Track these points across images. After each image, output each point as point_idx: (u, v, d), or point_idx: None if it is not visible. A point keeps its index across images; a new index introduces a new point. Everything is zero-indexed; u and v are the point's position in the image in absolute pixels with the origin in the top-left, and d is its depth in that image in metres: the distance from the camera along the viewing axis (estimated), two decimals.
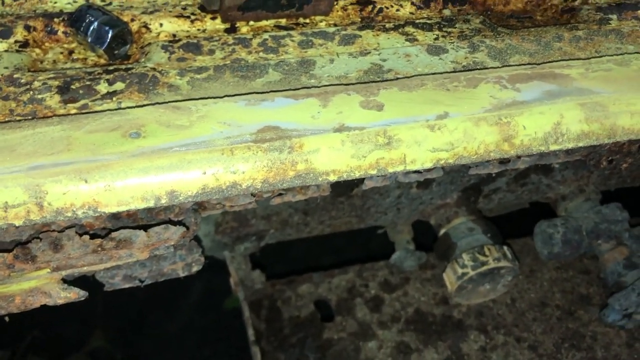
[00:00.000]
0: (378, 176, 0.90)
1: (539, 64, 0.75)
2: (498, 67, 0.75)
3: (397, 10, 0.94)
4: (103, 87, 0.71)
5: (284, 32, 0.86)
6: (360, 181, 0.95)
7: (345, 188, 1.14)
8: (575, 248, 1.28)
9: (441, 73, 0.73)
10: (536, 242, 1.31)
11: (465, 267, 1.18)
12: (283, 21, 0.89)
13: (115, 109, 0.64)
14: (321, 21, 0.90)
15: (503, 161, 0.94)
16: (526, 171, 1.30)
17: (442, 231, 1.29)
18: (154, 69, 0.75)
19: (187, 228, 0.69)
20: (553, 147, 0.67)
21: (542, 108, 0.67)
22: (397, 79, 0.72)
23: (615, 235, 1.29)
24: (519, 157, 0.88)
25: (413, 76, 0.72)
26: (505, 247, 1.22)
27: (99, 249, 0.63)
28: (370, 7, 0.93)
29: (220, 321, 1.93)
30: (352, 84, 0.71)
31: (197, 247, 0.79)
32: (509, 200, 1.38)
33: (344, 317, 1.42)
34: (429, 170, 0.86)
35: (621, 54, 0.80)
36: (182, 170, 0.57)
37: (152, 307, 1.96)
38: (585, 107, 0.68)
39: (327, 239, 1.54)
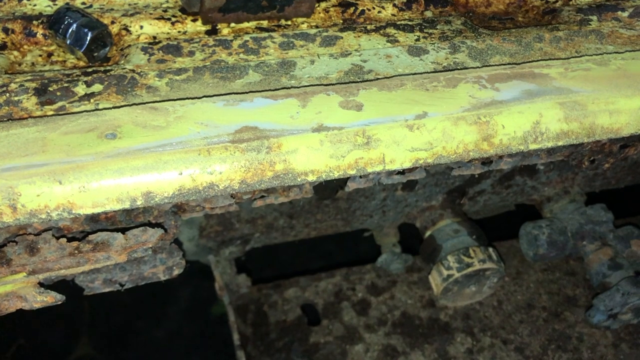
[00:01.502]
0: (361, 177, 0.90)
1: (518, 64, 0.75)
2: (478, 68, 0.76)
3: (379, 12, 0.94)
4: (81, 89, 0.70)
5: (265, 34, 0.86)
6: (345, 183, 0.95)
7: (330, 191, 1.14)
8: (561, 249, 1.28)
9: (421, 73, 0.73)
10: (522, 244, 1.32)
11: (451, 269, 1.18)
12: (264, 23, 0.89)
13: (92, 110, 0.63)
14: (303, 23, 0.90)
15: (485, 162, 0.94)
16: (511, 173, 1.30)
17: (428, 233, 1.29)
18: (133, 70, 0.75)
19: (166, 230, 0.68)
20: (533, 147, 0.67)
21: (521, 107, 0.67)
22: (377, 79, 0.72)
23: (600, 236, 1.29)
24: (500, 157, 0.88)
25: (393, 76, 0.72)
26: (490, 249, 1.22)
27: (76, 251, 0.63)
28: (352, 9, 0.93)
29: (208, 328, 1.92)
30: (332, 84, 0.71)
31: (177, 251, 0.78)
32: (494, 202, 1.39)
33: (331, 320, 1.41)
34: (410, 170, 0.86)
35: (600, 54, 0.81)
36: (157, 171, 0.56)
37: (138, 314, 1.95)
38: (565, 106, 0.68)
39: (314, 243, 1.54)
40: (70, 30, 0.79)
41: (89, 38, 0.78)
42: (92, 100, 0.68)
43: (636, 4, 0.97)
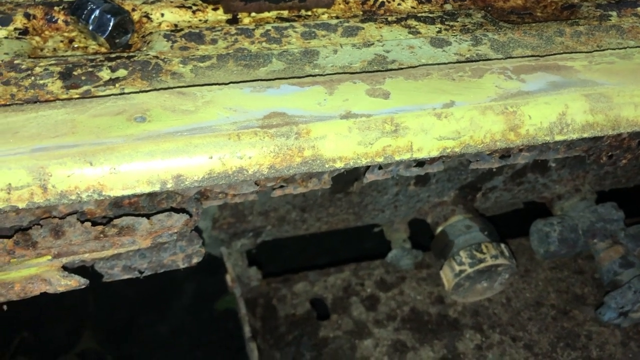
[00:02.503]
0: (380, 169, 0.90)
1: (542, 57, 0.75)
2: (502, 59, 0.75)
3: (399, 4, 0.94)
4: (105, 74, 0.70)
5: (287, 24, 0.85)
6: (359, 175, 0.95)
7: (343, 184, 1.14)
8: (572, 247, 1.28)
9: (446, 63, 0.73)
10: (532, 241, 1.32)
11: (463, 264, 1.18)
12: (285, 13, 0.89)
13: (120, 94, 0.63)
14: (323, 13, 0.90)
15: (504, 156, 0.94)
16: (523, 170, 1.30)
17: (439, 229, 1.29)
18: (156, 57, 0.75)
19: (190, 216, 0.68)
20: (558, 138, 0.67)
21: (547, 98, 0.67)
22: (403, 68, 0.72)
23: (611, 234, 1.30)
24: (520, 150, 0.88)
25: (418, 66, 0.72)
26: (502, 245, 1.22)
27: (101, 235, 0.62)
28: (372, 1, 0.93)
29: (212, 323, 1.92)
30: (358, 72, 0.71)
31: (197, 239, 0.78)
32: (505, 199, 1.39)
33: (340, 315, 1.41)
34: (430, 162, 0.86)
35: (623, 48, 0.81)
36: (188, 154, 0.56)
37: (143, 308, 1.95)
38: (590, 98, 0.68)
39: (324, 238, 1.53)
40: (93, 16, 0.79)
41: (111, 24, 0.78)
42: (117, 85, 0.68)
43: None
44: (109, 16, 0.78)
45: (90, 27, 0.79)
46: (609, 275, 1.25)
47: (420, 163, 0.92)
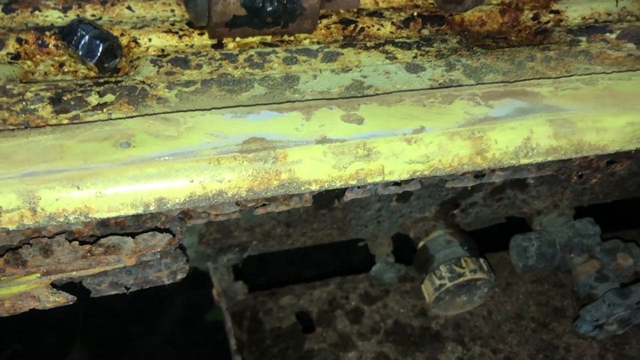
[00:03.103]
0: (359, 188, 0.93)
1: (511, 82, 0.79)
2: (472, 85, 0.79)
3: (378, 29, 0.98)
4: (94, 99, 0.73)
5: (270, 49, 0.89)
6: (342, 193, 0.98)
7: (327, 200, 1.17)
8: (549, 261, 1.32)
9: (418, 90, 0.77)
10: (512, 256, 1.35)
11: (443, 278, 1.22)
12: (268, 38, 0.93)
13: (106, 120, 0.67)
14: (305, 39, 0.94)
15: (478, 175, 0.98)
16: (502, 187, 1.34)
17: (421, 244, 1.33)
18: (143, 82, 0.78)
19: (174, 235, 0.71)
20: (524, 161, 0.71)
21: (513, 124, 0.71)
22: (377, 94, 0.76)
23: (587, 249, 1.33)
24: (493, 171, 0.92)
25: (392, 92, 0.76)
26: (481, 260, 1.26)
27: (88, 254, 0.66)
28: (352, 26, 0.97)
29: (202, 334, 1.94)
30: (334, 98, 0.75)
31: (181, 256, 0.81)
32: (485, 214, 1.42)
33: (325, 328, 1.44)
34: (406, 182, 0.90)
35: (589, 74, 0.85)
36: (170, 178, 0.60)
37: (133, 320, 1.97)
38: (554, 123, 0.72)
39: (309, 252, 1.56)
40: (82, 42, 0.82)
41: (100, 50, 0.81)
42: (105, 110, 0.71)
43: (623, 27, 1.02)
44: (98, 42, 0.82)
45: (80, 53, 0.82)
46: (585, 289, 1.29)
47: (398, 182, 0.95)
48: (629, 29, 1.00)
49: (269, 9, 0.86)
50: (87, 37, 0.82)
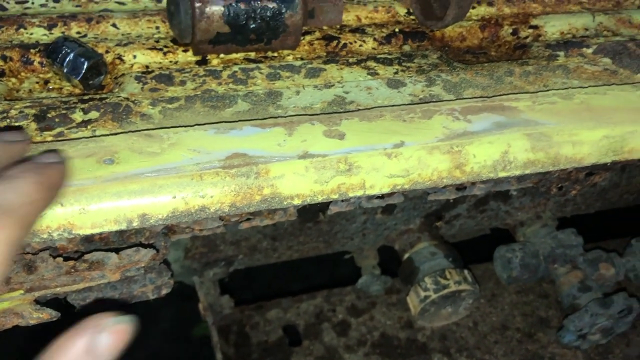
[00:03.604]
0: (342, 201, 0.95)
1: (489, 97, 0.81)
2: (452, 100, 0.81)
3: (361, 45, 0.99)
4: (78, 116, 0.74)
5: (253, 65, 0.90)
6: (326, 206, 0.99)
7: (312, 214, 1.18)
8: (533, 272, 1.34)
9: (399, 105, 0.78)
10: (496, 267, 1.37)
11: (428, 290, 1.23)
12: (252, 54, 0.94)
13: (90, 137, 0.67)
14: (288, 55, 0.95)
15: (459, 188, 0.99)
16: (485, 198, 1.36)
17: (406, 256, 1.34)
18: (127, 98, 0.79)
19: (157, 251, 0.72)
20: (502, 174, 0.73)
21: (490, 138, 0.72)
22: (358, 110, 0.77)
23: (570, 260, 1.35)
24: (474, 184, 0.93)
25: (373, 108, 0.77)
26: (465, 271, 1.27)
27: (72, 270, 0.66)
28: (335, 43, 0.99)
29: (189, 349, 1.94)
30: (317, 114, 0.76)
31: (166, 271, 0.81)
32: (469, 226, 1.44)
33: (312, 341, 1.44)
34: (389, 195, 0.91)
35: (566, 88, 0.87)
36: (153, 194, 0.60)
37: None
38: (531, 137, 0.74)
39: (296, 266, 1.57)
40: (67, 59, 0.83)
41: (85, 67, 0.82)
42: (89, 127, 0.72)
43: (600, 42, 1.04)
44: (82, 59, 0.83)
45: (65, 70, 0.83)
46: (568, 299, 1.31)
47: (380, 195, 0.97)
48: (605, 44, 1.02)
49: (252, 26, 0.87)
50: (72, 55, 0.83)
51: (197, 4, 0.83)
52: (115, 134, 0.68)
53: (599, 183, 1.37)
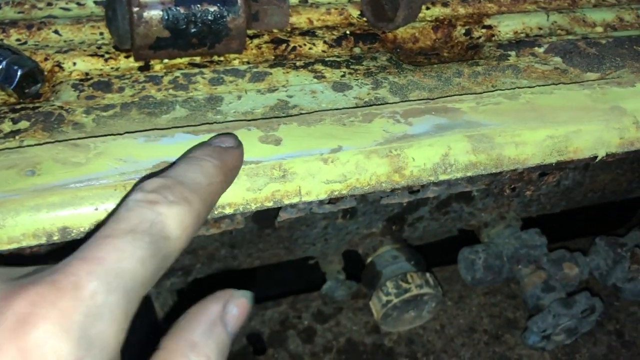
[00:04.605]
0: (292, 207, 0.93)
1: (433, 99, 0.80)
2: (395, 103, 0.80)
3: (310, 48, 0.98)
4: (7, 126, 0.72)
5: (197, 70, 0.88)
6: (277, 213, 0.97)
7: (265, 221, 1.16)
8: (497, 273, 1.33)
9: (340, 109, 0.77)
10: (460, 269, 1.36)
11: (389, 294, 1.21)
12: (197, 59, 0.92)
13: (15, 148, 0.65)
14: (235, 59, 0.93)
15: (412, 191, 0.98)
16: (448, 200, 1.34)
17: (369, 260, 1.32)
18: (61, 107, 0.77)
19: None
20: (442, 177, 0.71)
21: (430, 140, 0.71)
22: (299, 114, 0.75)
23: (534, 260, 1.34)
24: (425, 186, 0.92)
25: (314, 112, 0.76)
26: (427, 274, 1.26)
27: None
28: (284, 46, 0.97)
29: None
30: (255, 119, 0.74)
31: None
32: (433, 228, 1.43)
33: (276, 349, 1.42)
34: (340, 199, 0.89)
35: (513, 89, 0.86)
36: (74, 206, 0.58)
37: None
38: (472, 139, 0.73)
39: (265, 272, 1.55)
40: (0, 68, 0.80)
41: (18, 75, 0.80)
42: (17, 138, 0.69)
43: (552, 41, 1.04)
44: (15, 68, 0.80)
45: None
46: (532, 300, 1.30)
47: (332, 200, 0.95)
48: (557, 43, 1.01)
49: (193, 30, 0.85)
50: (4, 63, 0.80)
51: (135, 9, 0.81)
52: (41, 144, 0.65)
53: (561, 182, 1.37)
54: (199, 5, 0.84)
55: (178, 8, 0.83)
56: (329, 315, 1.47)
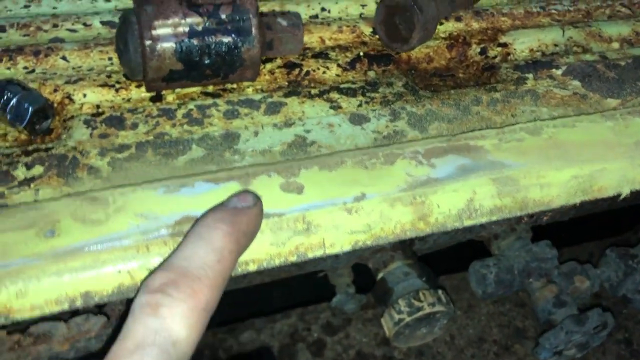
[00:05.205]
0: None
1: (454, 136, 0.78)
2: (416, 139, 0.78)
3: (324, 72, 0.96)
4: (21, 172, 0.70)
5: (210, 100, 0.86)
6: None
7: None
8: (508, 287, 1.32)
9: (361, 149, 0.75)
10: (471, 282, 1.35)
11: (402, 313, 1.20)
12: (210, 87, 0.90)
13: (32, 202, 0.63)
14: (248, 87, 0.91)
15: None
16: None
17: (380, 276, 1.31)
18: (74, 148, 0.75)
19: (108, 318, 0.68)
20: (467, 223, 0.70)
21: (455, 185, 0.69)
22: (318, 156, 0.74)
23: (545, 273, 1.34)
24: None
25: (334, 153, 0.74)
26: (440, 291, 1.25)
27: (16, 346, 0.62)
28: (297, 70, 0.95)
29: None
30: (274, 163, 0.72)
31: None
32: (444, 240, 1.42)
33: None
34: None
35: (533, 121, 0.84)
36: (96, 270, 0.57)
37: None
38: (497, 182, 0.71)
39: (270, 286, 1.54)
40: (10, 105, 0.78)
41: (29, 113, 0.78)
42: (32, 186, 0.68)
43: (569, 61, 1.02)
44: (26, 105, 0.78)
45: (9, 117, 0.78)
46: (544, 315, 1.29)
47: None
48: (575, 65, 0.99)
49: (207, 61, 0.83)
50: (14, 100, 0.78)
51: (147, 42, 0.79)
52: (59, 198, 0.63)
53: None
54: (212, 37, 0.82)
55: (192, 40, 0.81)
56: (338, 327, 1.47)
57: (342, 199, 0.66)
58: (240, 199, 0.60)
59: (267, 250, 0.63)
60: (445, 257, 1.54)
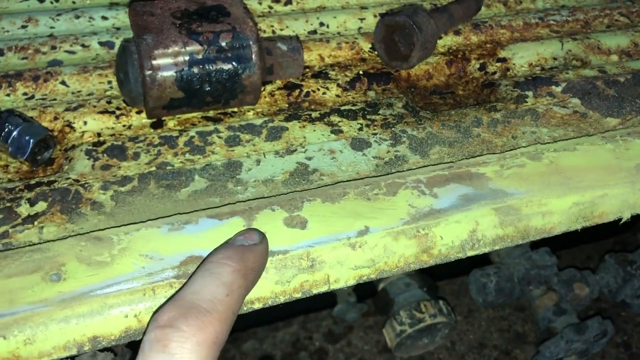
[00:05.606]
0: None
1: (455, 163, 0.78)
2: (418, 166, 0.78)
3: (324, 93, 0.96)
4: (24, 209, 0.70)
5: (212, 126, 0.86)
6: None
7: None
8: (508, 295, 1.33)
9: (363, 179, 0.75)
10: (471, 290, 1.36)
11: (403, 324, 1.22)
12: (211, 112, 0.90)
13: (36, 244, 0.63)
14: (249, 110, 0.91)
15: None
16: None
17: (381, 286, 1.32)
18: (77, 181, 0.75)
19: (115, 354, 0.69)
20: (470, 253, 0.70)
21: (458, 216, 0.70)
22: (321, 187, 0.74)
23: (545, 280, 1.35)
24: None
25: (336, 183, 0.74)
26: (440, 302, 1.26)
27: None
28: (297, 92, 0.95)
29: None
30: (276, 195, 0.72)
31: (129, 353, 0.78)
32: None
33: None
34: None
35: (534, 144, 0.84)
36: (103, 315, 0.57)
37: None
38: (500, 212, 0.72)
39: None
40: (11, 138, 0.78)
41: (30, 146, 0.78)
42: (35, 223, 0.68)
43: (569, 77, 1.02)
44: (27, 137, 0.78)
45: (10, 149, 0.78)
46: (544, 322, 1.31)
47: None
48: (574, 82, 1.00)
49: (208, 89, 0.83)
50: (15, 133, 0.78)
51: (147, 72, 0.79)
52: (63, 238, 0.64)
53: None
54: (213, 65, 0.82)
55: (192, 68, 0.81)
56: (339, 335, 1.48)
57: (346, 233, 0.66)
58: (246, 236, 0.60)
59: (272, 288, 0.63)
60: (445, 264, 1.55)
